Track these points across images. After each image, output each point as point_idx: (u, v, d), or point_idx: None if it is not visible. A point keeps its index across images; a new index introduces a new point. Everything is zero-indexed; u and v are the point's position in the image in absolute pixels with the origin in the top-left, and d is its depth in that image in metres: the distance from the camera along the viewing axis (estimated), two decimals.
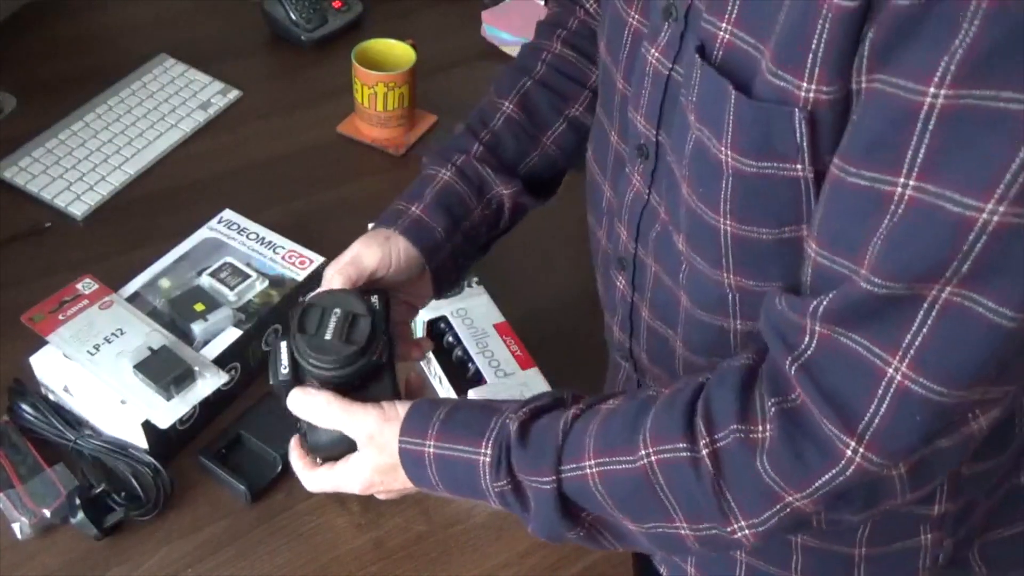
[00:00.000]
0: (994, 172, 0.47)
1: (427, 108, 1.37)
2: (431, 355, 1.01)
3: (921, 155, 0.49)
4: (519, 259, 1.14)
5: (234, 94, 1.37)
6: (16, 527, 0.88)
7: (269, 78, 1.43)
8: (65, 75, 1.36)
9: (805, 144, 0.56)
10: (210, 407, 0.96)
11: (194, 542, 0.90)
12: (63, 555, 0.88)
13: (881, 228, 0.52)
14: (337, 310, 0.74)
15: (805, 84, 0.54)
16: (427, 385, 0.89)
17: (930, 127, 0.48)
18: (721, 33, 0.60)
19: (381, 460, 0.74)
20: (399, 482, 0.75)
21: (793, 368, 0.60)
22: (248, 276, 1.03)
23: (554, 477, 0.67)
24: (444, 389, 1.02)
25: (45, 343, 0.95)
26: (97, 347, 0.94)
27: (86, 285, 1.00)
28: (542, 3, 1.54)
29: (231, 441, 0.96)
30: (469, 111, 0.93)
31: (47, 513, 0.89)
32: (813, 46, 0.53)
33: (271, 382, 0.77)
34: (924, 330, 0.53)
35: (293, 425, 0.87)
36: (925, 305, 0.53)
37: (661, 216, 0.72)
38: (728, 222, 0.63)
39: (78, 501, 0.87)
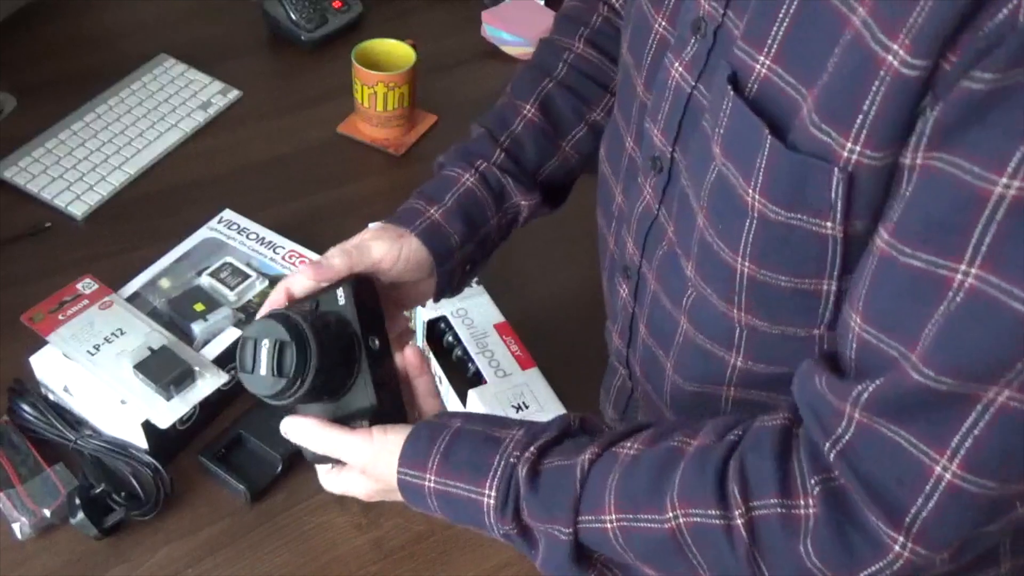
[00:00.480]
0: None
1: (427, 108, 1.37)
2: (431, 355, 1.01)
3: (986, 244, 0.46)
4: (519, 259, 1.14)
5: (234, 94, 1.37)
6: (16, 527, 0.88)
7: (269, 78, 1.43)
8: (65, 75, 1.36)
9: (839, 204, 0.54)
10: (210, 407, 0.96)
11: (194, 542, 0.90)
12: (63, 555, 0.88)
13: (937, 314, 0.49)
14: (265, 341, 0.68)
15: (849, 144, 0.52)
16: (426, 360, 0.85)
17: (998, 217, 0.46)
18: (758, 67, 0.57)
19: (379, 486, 0.73)
20: (401, 500, 0.73)
21: (832, 453, 0.57)
22: (248, 276, 1.03)
23: (571, 529, 0.64)
24: (444, 389, 1.02)
25: (45, 343, 0.95)
26: (97, 347, 0.94)
27: (86, 285, 1.00)
28: (542, 3, 1.54)
29: (231, 441, 0.96)
30: (469, 111, 0.92)
31: (47, 513, 0.89)
32: (864, 107, 0.51)
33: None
34: (976, 431, 0.50)
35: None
36: (979, 407, 0.50)
37: (668, 235, 0.71)
38: (746, 263, 0.61)
39: (78, 501, 0.87)
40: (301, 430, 0.73)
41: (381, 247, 0.77)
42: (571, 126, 0.87)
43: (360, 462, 0.71)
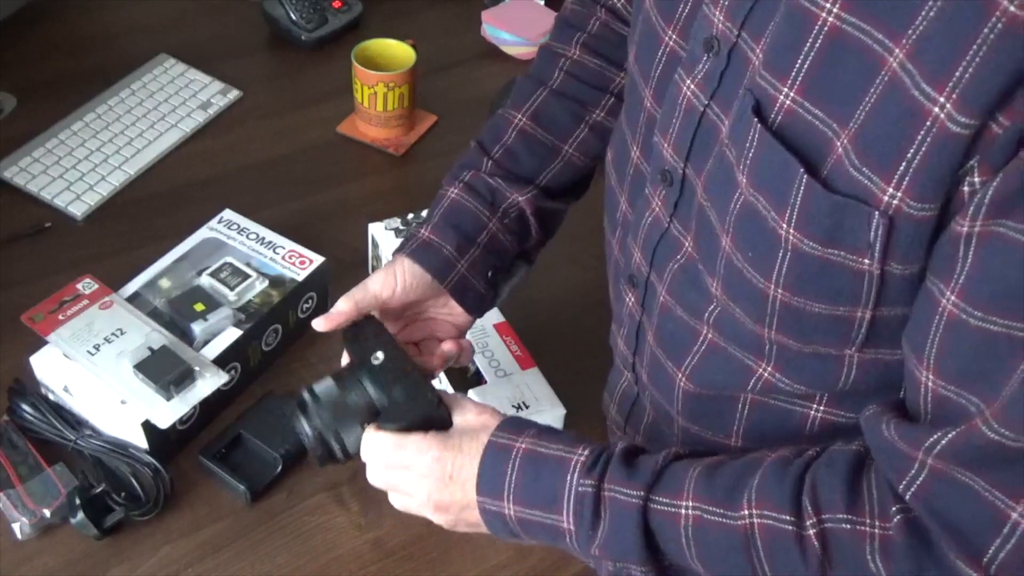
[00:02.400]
0: None
1: (427, 108, 1.37)
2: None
3: None
4: None
5: (234, 94, 1.37)
6: (16, 527, 0.88)
7: (269, 78, 1.43)
8: (65, 75, 1.36)
9: (878, 244, 0.54)
10: (210, 407, 0.96)
11: (194, 542, 0.90)
12: (63, 555, 0.88)
13: (1017, 373, 0.50)
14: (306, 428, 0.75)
15: (891, 190, 0.52)
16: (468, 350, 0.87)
17: None
18: (781, 97, 0.57)
19: (467, 443, 0.71)
20: (468, 468, 0.70)
21: (907, 494, 0.58)
22: (248, 276, 1.03)
23: (643, 494, 0.65)
24: (443, 389, 1.02)
25: (45, 343, 0.95)
26: (97, 347, 0.94)
27: (86, 285, 1.00)
28: (542, 3, 1.54)
29: (231, 441, 0.96)
30: (469, 111, 0.92)
31: (47, 513, 0.89)
32: (909, 155, 0.50)
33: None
34: None
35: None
36: None
37: (686, 249, 0.70)
38: (780, 291, 0.61)
39: (78, 501, 0.87)
40: (378, 441, 0.73)
41: (377, 279, 0.81)
42: (570, 130, 0.87)
43: (471, 421, 0.72)
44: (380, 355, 0.75)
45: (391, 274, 0.81)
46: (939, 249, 0.53)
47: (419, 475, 0.71)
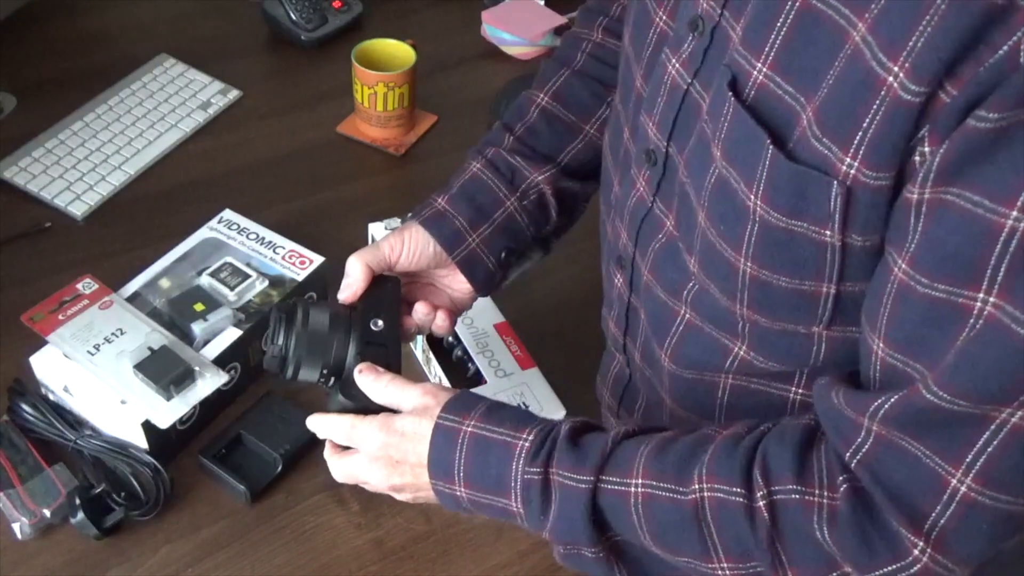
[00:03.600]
0: None
1: (427, 108, 1.37)
2: (431, 355, 1.01)
3: (1002, 274, 0.48)
4: None
5: (234, 94, 1.37)
6: (16, 527, 0.88)
7: (269, 78, 1.43)
8: (65, 75, 1.36)
9: (838, 215, 0.56)
10: (210, 407, 0.96)
11: (194, 542, 0.90)
12: (63, 555, 0.88)
13: (959, 340, 0.51)
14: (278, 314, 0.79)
15: (848, 159, 0.53)
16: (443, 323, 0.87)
17: (1011, 249, 0.47)
18: (755, 72, 0.58)
19: (411, 427, 0.72)
20: (413, 454, 0.71)
21: (853, 462, 0.59)
22: (248, 276, 1.03)
23: (592, 478, 0.66)
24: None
25: (45, 343, 0.95)
26: (97, 347, 0.94)
27: (86, 285, 1.00)
28: (542, 3, 1.54)
29: (231, 441, 0.96)
30: (469, 111, 0.93)
31: (47, 513, 0.89)
32: (864, 124, 0.52)
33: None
34: (990, 449, 0.52)
35: (294, 429, 0.92)
36: (993, 426, 0.51)
37: (668, 229, 0.71)
38: (748, 263, 0.62)
39: (78, 501, 0.87)
40: (371, 375, 0.75)
41: (387, 242, 0.81)
42: (592, 109, 0.88)
43: (417, 403, 0.73)
44: (380, 323, 0.78)
45: (400, 239, 0.82)
46: (893, 218, 0.54)
47: (370, 460, 0.74)
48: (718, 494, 0.63)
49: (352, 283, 0.80)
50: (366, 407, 0.75)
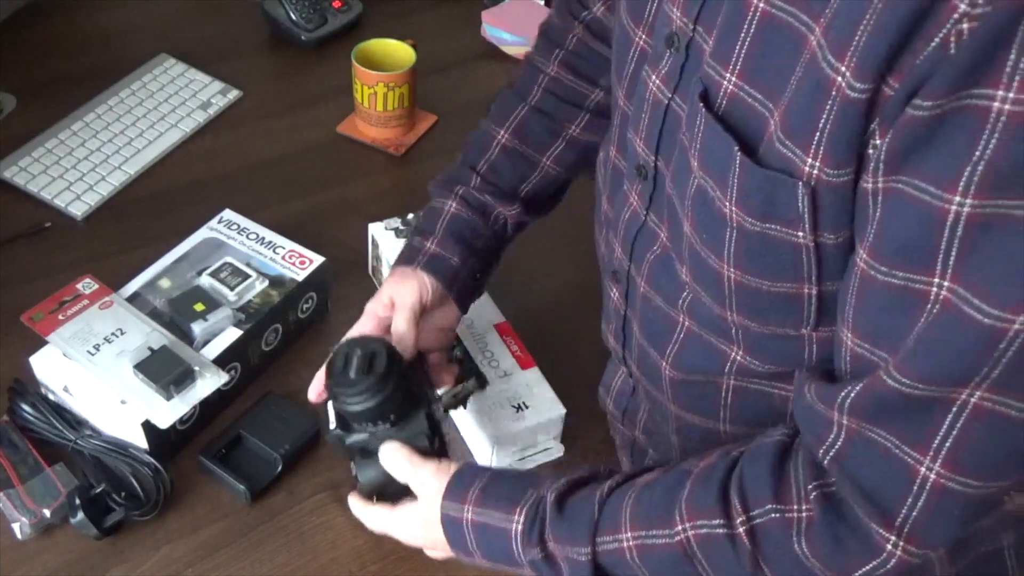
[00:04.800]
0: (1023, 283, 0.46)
1: (427, 108, 1.37)
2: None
3: (952, 259, 0.49)
4: (519, 259, 1.14)
5: (234, 94, 1.37)
6: (16, 527, 0.88)
7: (269, 78, 1.43)
8: (65, 75, 1.36)
9: (806, 216, 0.57)
10: (210, 407, 0.96)
11: (194, 542, 0.90)
12: (63, 555, 0.88)
13: (919, 324, 0.52)
14: (358, 350, 0.79)
15: (810, 160, 0.54)
16: (444, 364, 0.92)
17: (958, 233, 0.48)
18: (725, 83, 0.60)
19: (429, 514, 0.77)
20: (439, 539, 0.77)
21: (826, 459, 0.60)
22: (248, 276, 1.03)
23: (590, 549, 0.68)
24: (444, 389, 1.02)
25: (45, 343, 0.95)
26: (97, 347, 0.94)
27: (86, 285, 1.00)
28: (542, 3, 1.54)
29: (231, 441, 0.96)
30: (469, 111, 0.93)
31: (47, 513, 0.89)
32: (820, 125, 0.53)
33: (326, 438, 0.84)
34: (955, 432, 0.53)
35: (294, 429, 0.95)
36: (955, 408, 0.52)
37: (662, 240, 0.73)
38: (731, 269, 0.64)
39: (78, 501, 0.87)
40: (395, 449, 0.79)
41: (410, 291, 0.86)
42: (548, 144, 0.92)
43: (427, 486, 0.77)
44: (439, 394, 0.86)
45: (421, 284, 0.86)
46: (856, 210, 0.56)
47: (407, 539, 0.81)
48: (701, 530, 0.64)
49: (408, 344, 0.84)
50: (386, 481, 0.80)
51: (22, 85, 1.33)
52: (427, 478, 0.77)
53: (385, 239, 1.09)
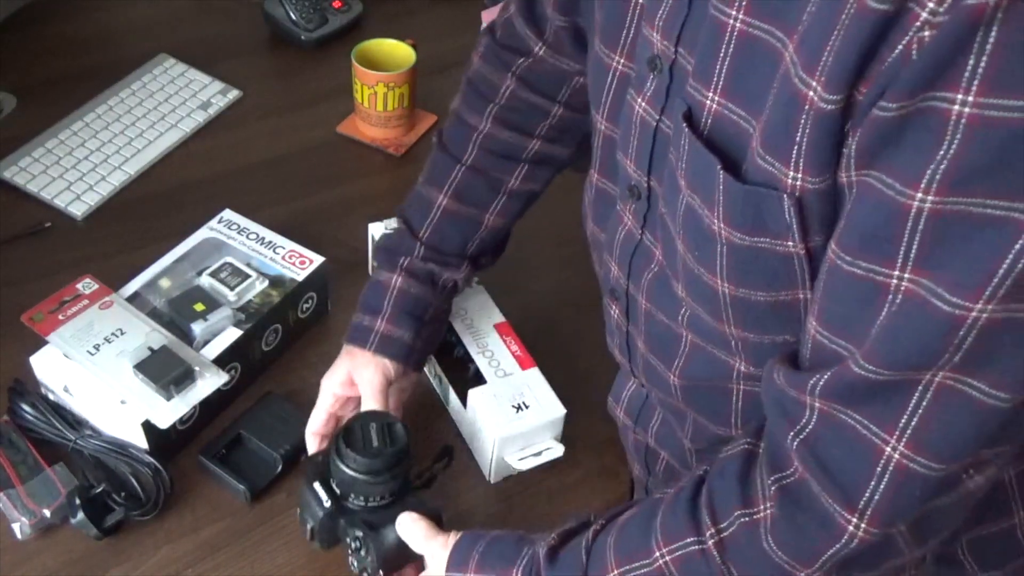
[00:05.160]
0: (982, 274, 0.48)
1: (427, 108, 1.37)
2: (432, 355, 1.01)
3: (914, 251, 0.51)
4: (519, 259, 1.14)
5: (234, 94, 1.37)
6: (16, 527, 0.88)
7: (269, 78, 1.43)
8: (65, 75, 1.36)
9: (795, 225, 0.58)
10: (210, 407, 0.96)
11: (194, 542, 0.90)
12: (63, 555, 0.88)
13: (881, 316, 0.53)
14: (373, 424, 0.84)
15: (791, 172, 0.56)
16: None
17: (920, 227, 0.50)
18: (708, 102, 0.61)
19: None
20: None
21: (795, 443, 0.61)
22: (248, 276, 1.03)
23: None
24: (444, 389, 1.02)
25: (45, 343, 0.95)
26: (97, 347, 0.94)
27: (86, 285, 1.00)
28: None
29: (231, 441, 0.96)
30: None
31: (47, 513, 0.89)
32: (797, 138, 0.54)
33: (309, 523, 0.85)
34: (920, 411, 0.55)
35: (294, 429, 0.95)
36: (919, 389, 0.54)
37: (658, 258, 0.74)
38: (725, 284, 0.65)
39: (78, 501, 0.87)
40: (414, 520, 0.82)
41: (371, 372, 0.90)
42: (489, 201, 0.94)
43: (438, 564, 0.80)
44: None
45: (375, 370, 0.90)
46: (839, 205, 0.57)
47: None
48: (676, 552, 0.67)
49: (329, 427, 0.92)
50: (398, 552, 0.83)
51: (22, 85, 1.33)
52: (437, 550, 0.80)
53: None
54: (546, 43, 0.89)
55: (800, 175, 0.55)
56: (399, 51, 1.33)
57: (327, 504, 0.84)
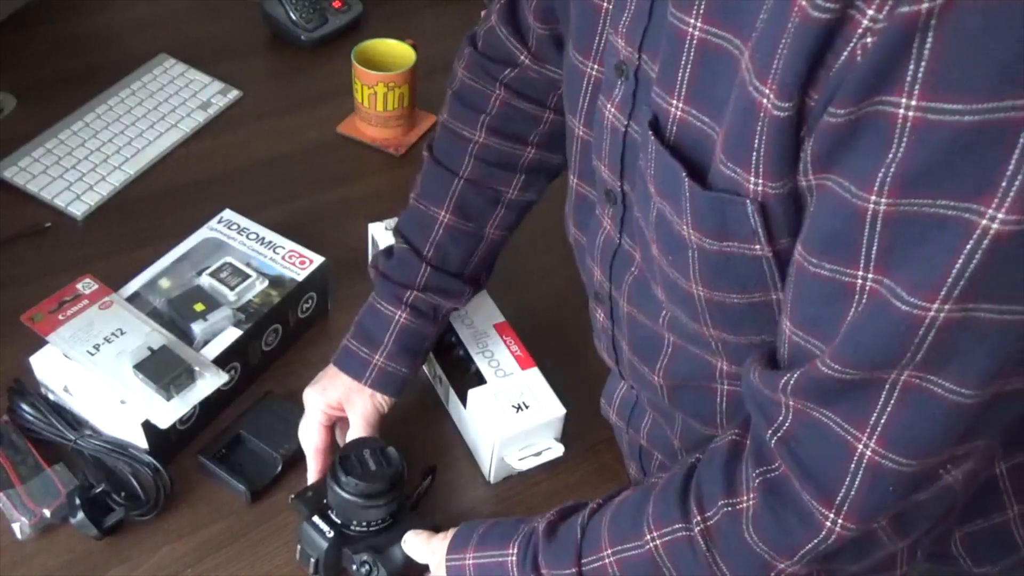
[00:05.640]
0: (938, 274, 0.49)
1: (427, 108, 1.37)
2: (432, 355, 1.01)
3: (874, 252, 0.52)
4: (519, 259, 1.14)
5: (234, 94, 1.37)
6: (16, 527, 0.88)
7: (269, 78, 1.43)
8: (65, 75, 1.36)
9: (760, 230, 0.58)
10: (210, 407, 0.96)
11: (194, 542, 0.90)
12: (63, 555, 0.88)
13: (848, 315, 0.54)
14: (366, 450, 0.86)
15: (752, 179, 0.56)
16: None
17: (877, 228, 0.51)
18: (673, 109, 0.61)
19: (438, 573, 0.81)
20: None
21: (773, 441, 0.62)
22: (248, 276, 1.03)
23: (576, 570, 0.73)
24: (444, 389, 1.02)
25: (45, 343, 0.95)
26: (97, 347, 0.94)
27: (86, 285, 1.00)
28: None
29: (231, 441, 0.96)
30: None
31: (47, 513, 0.89)
32: (755, 146, 0.55)
33: (312, 558, 0.86)
34: (888, 409, 0.55)
35: (294, 429, 0.95)
36: (887, 387, 0.55)
37: (637, 261, 0.74)
38: (700, 288, 0.65)
39: (78, 501, 0.87)
40: (417, 534, 0.85)
41: (364, 405, 0.92)
42: (489, 214, 0.94)
43: (438, 557, 0.81)
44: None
45: (370, 405, 0.92)
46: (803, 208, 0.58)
47: None
48: (665, 537, 0.68)
49: (323, 458, 0.93)
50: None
51: (22, 85, 1.33)
52: (438, 545, 0.82)
53: (385, 239, 1.09)
54: (530, 52, 0.89)
55: (761, 181, 0.56)
56: (399, 51, 1.33)
57: (330, 535, 0.84)
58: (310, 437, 0.93)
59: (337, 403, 0.92)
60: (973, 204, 0.46)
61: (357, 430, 0.91)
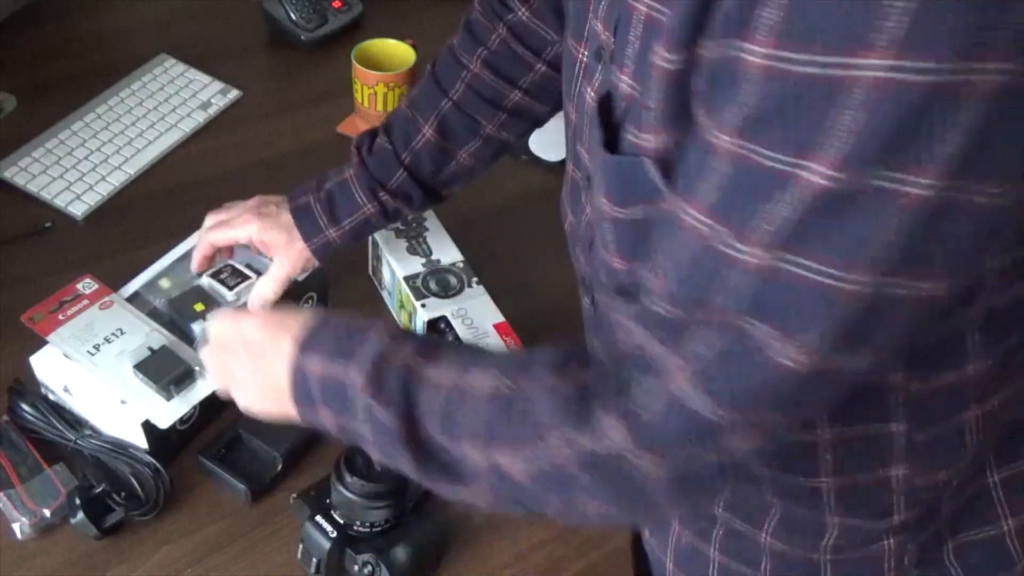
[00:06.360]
0: (766, 226, 0.49)
1: None
2: None
3: (715, 194, 0.52)
4: (519, 259, 1.14)
5: (234, 94, 1.37)
6: (16, 527, 0.88)
7: (269, 78, 1.43)
8: (65, 75, 1.36)
9: (664, 188, 0.59)
10: (210, 407, 0.96)
11: (194, 542, 0.90)
12: (63, 555, 0.88)
13: (671, 245, 0.56)
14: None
15: (650, 136, 0.59)
16: None
17: (721, 168, 0.52)
18: (623, 85, 0.62)
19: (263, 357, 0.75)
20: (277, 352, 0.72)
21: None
22: (248, 276, 1.03)
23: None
24: None
25: (45, 343, 0.95)
26: (97, 347, 0.94)
27: (86, 285, 1.00)
28: None
29: (231, 441, 0.96)
30: None
31: (47, 513, 0.89)
32: (653, 105, 0.57)
33: (315, 559, 0.85)
34: (714, 352, 0.55)
35: (294, 429, 0.87)
36: (703, 327, 0.55)
37: None
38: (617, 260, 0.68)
39: (78, 501, 0.87)
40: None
41: (292, 260, 0.99)
42: (466, 140, 0.98)
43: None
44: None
45: (299, 262, 0.99)
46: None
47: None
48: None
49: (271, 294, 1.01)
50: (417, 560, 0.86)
51: (22, 85, 1.33)
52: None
53: (385, 239, 1.09)
54: (530, 8, 0.93)
55: (663, 137, 0.58)
56: (399, 51, 1.33)
57: (333, 534, 0.84)
58: (211, 242, 1.00)
59: (264, 243, 0.98)
60: (801, 160, 0.47)
61: (278, 277, 0.98)
